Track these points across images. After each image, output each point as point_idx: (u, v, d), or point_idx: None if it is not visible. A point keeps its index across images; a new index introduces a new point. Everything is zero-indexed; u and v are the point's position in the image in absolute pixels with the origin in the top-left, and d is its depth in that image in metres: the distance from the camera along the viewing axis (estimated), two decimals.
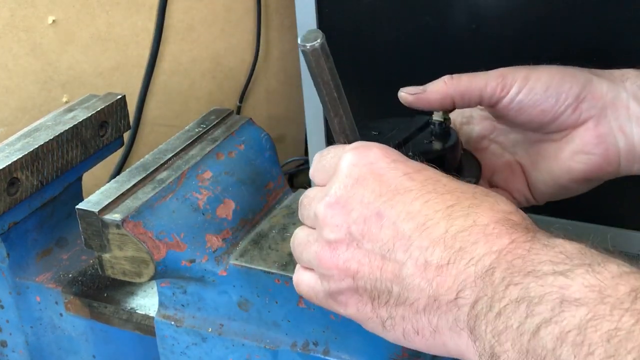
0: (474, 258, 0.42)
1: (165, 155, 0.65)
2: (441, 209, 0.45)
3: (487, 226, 0.43)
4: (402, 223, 0.45)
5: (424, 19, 1.14)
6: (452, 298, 0.42)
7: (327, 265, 0.48)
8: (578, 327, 0.35)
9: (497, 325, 0.39)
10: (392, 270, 0.45)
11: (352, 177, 0.48)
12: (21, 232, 0.71)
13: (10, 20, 1.14)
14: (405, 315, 0.45)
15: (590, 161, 0.60)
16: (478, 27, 1.11)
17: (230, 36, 1.43)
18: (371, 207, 0.46)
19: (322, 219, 0.48)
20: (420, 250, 0.44)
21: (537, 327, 0.36)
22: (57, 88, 1.23)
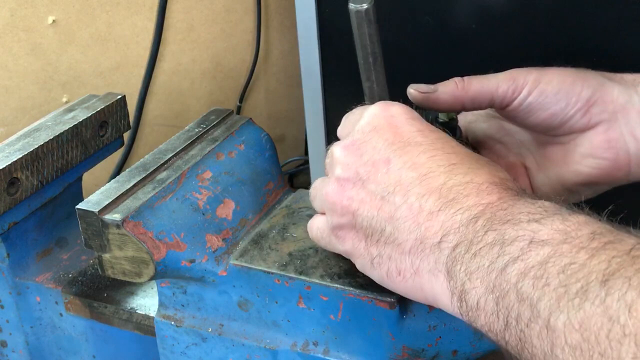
0: (463, 208, 0.46)
1: (165, 155, 0.65)
2: (444, 165, 0.48)
3: (482, 184, 0.46)
4: (406, 171, 0.49)
5: (424, 19, 1.14)
6: (436, 242, 0.46)
7: (333, 199, 0.52)
8: (540, 263, 0.39)
9: (470, 265, 0.43)
10: (389, 211, 0.49)
11: (371, 125, 0.52)
12: (21, 232, 0.71)
13: (10, 20, 1.14)
14: (392, 254, 0.49)
15: (600, 165, 0.60)
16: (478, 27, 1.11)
17: (230, 36, 1.43)
18: (382, 153, 0.51)
19: (336, 158, 0.53)
20: (416, 196, 0.48)
21: (505, 264, 0.40)
22: (57, 88, 1.23)
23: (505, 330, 0.40)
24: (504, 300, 0.40)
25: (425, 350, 0.57)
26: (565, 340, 0.36)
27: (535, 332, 0.38)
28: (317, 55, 1.26)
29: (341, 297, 0.56)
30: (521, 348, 0.39)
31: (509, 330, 0.40)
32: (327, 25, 1.23)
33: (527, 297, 0.38)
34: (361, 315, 0.56)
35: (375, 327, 0.56)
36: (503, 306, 0.40)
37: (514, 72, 0.61)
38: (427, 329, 0.56)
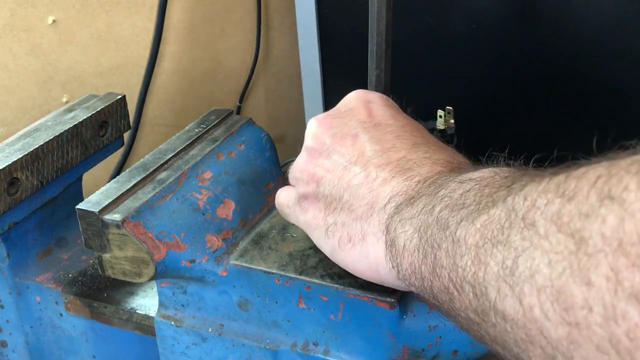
0: (414, 174, 0.48)
1: (165, 155, 0.65)
2: (407, 143, 0.51)
3: (439, 160, 0.48)
4: (370, 144, 0.51)
5: (424, 19, 1.14)
6: (383, 204, 0.48)
7: (301, 168, 0.55)
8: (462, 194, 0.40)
9: (405, 214, 0.44)
10: (348, 179, 0.51)
11: (347, 106, 0.56)
12: (21, 232, 0.71)
13: (10, 20, 1.14)
14: (346, 221, 0.50)
15: None
16: (478, 27, 1.11)
17: (230, 36, 1.43)
18: (351, 128, 0.53)
19: (308, 130, 0.56)
20: (375, 166, 0.50)
21: (433, 205, 0.42)
22: (57, 88, 1.23)
23: (422, 263, 0.41)
24: (426, 233, 0.41)
25: (425, 350, 0.57)
26: (465, 244, 0.36)
27: (444, 250, 0.39)
28: (317, 55, 1.26)
29: (341, 297, 0.56)
30: (433, 276, 0.40)
31: (425, 262, 0.41)
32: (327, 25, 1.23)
33: (444, 222, 0.40)
34: (361, 315, 0.56)
35: (375, 327, 0.56)
36: (424, 240, 0.41)
37: None
38: (427, 329, 0.56)
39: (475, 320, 0.36)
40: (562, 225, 0.30)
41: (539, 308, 0.31)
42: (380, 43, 0.55)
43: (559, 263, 0.30)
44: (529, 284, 0.31)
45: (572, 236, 0.30)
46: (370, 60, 0.57)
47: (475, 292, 0.35)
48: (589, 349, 0.28)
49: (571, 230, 0.30)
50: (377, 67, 0.57)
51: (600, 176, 0.30)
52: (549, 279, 0.30)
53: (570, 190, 0.31)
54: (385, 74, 0.57)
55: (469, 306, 0.36)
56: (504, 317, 0.33)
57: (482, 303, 0.35)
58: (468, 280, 0.36)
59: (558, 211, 0.31)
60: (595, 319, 0.28)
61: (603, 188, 0.29)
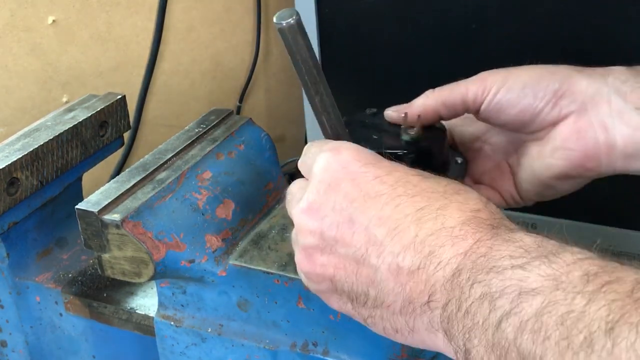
0: (442, 262, 0.44)
1: (165, 155, 0.65)
2: (411, 213, 0.46)
3: (454, 228, 0.44)
4: (374, 228, 0.46)
5: (424, 18, 1.14)
6: (424, 301, 0.44)
7: (306, 269, 0.50)
8: (535, 315, 0.36)
9: (466, 324, 0.40)
10: (367, 274, 0.47)
11: (324, 182, 0.49)
12: (21, 232, 0.71)
13: (10, 20, 1.14)
14: (384, 315, 0.47)
15: (569, 157, 0.59)
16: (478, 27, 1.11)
17: (230, 36, 1.43)
18: (344, 213, 0.48)
19: (297, 226, 0.50)
20: (392, 255, 0.45)
21: (499, 320, 0.38)
22: (57, 88, 1.23)
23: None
24: (506, 358, 0.38)
25: (424, 351, 0.57)
26: None
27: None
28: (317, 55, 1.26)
29: None
30: None
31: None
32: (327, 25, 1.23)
33: (529, 354, 0.36)
34: None
35: None
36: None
37: (483, 74, 0.61)
38: None
39: None
40: None
41: None
42: (309, 69, 0.53)
43: None
44: None
45: None
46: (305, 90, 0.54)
47: None
48: None
49: None
50: (317, 93, 0.54)
51: None
52: None
53: None
54: (327, 96, 0.54)
55: None
56: None
57: None
58: None
59: None
60: None
61: None
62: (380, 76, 1.23)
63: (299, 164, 0.54)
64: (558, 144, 0.60)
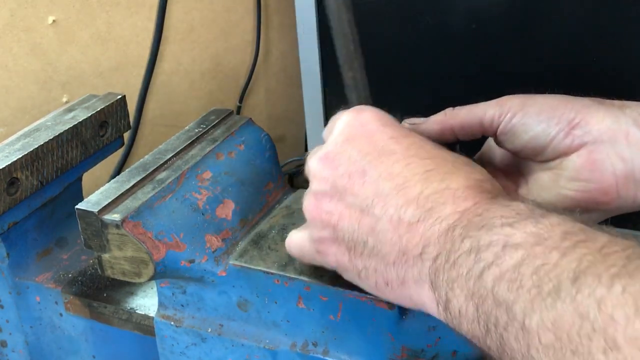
0: (440, 217, 0.46)
1: (165, 155, 0.65)
2: (419, 172, 0.48)
3: (458, 190, 0.47)
4: (382, 182, 0.49)
5: (424, 19, 1.14)
6: (418, 253, 0.46)
7: (312, 214, 0.52)
8: (514, 266, 0.39)
9: (451, 275, 0.43)
10: (369, 223, 0.49)
11: (343, 135, 0.52)
12: (21, 232, 0.71)
13: (10, 20, 1.14)
14: (378, 267, 0.49)
15: (585, 188, 0.59)
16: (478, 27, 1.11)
17: (230, 36, 1.43)
18: (357, 164, 0.51)
19: (312, 172, 0.53)
20: (395, 208, 0.48)
21: (481, 271, 0.41)
22: (57, 88, 1.23)
23: (487, 335, 0.41)
24: (482, 306, 0.41)
25: (424, 350, 0.57)
26: (539, 340, 0.36)
27: (513, 335, 0.38)
28: (317, 55, 1.26)
29: (341, 298, 0.56)
30: (502, 352, 0.40)
31: (489, 335, 0.40)
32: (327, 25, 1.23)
33: (503, 301, 0.39)
34: (360, 315, 0.56)
35: (375, 327, 0.56)
36: (482, 312, 0.41)
37: (502, 98, 0.61)
38: (426, 330, 0.56)
39: None
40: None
41: None
42: (347, 44, 0.54)
43: None
44: None
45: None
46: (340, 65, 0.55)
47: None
48: None
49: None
50: (350, 69, 0.56)
51: None
52: None
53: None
54: (360, 74, 0.56)
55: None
56: None
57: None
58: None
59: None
60: None
61: None
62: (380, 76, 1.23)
63: (324, 133, 0.57)
64: (572, 175, 0.59)
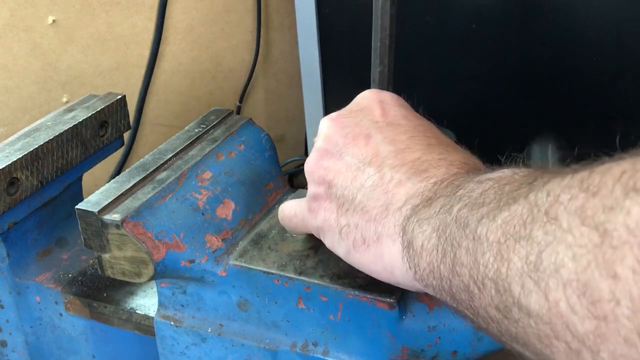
0: (430, 176, 0.47)
1: (165, 155, 0.65)
2: (422, 144, 0.50)
3: (454, 161, 0.48)
4: (384, 145, 0.50)
5: (424, 19, 1.14)
6: (399, 206, 0.47)
7: (311, 168, 0.54)
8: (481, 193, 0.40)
9: (423, 215, 0.44)
10: (361, 180, 0.50)
11: (359, 105, 0.55)
12: (21, 232, 0.71)
13: (10, 20, 1.14)
14: (359, 222, 0.49)
15: None
16: (478, 27, 1.11)
17: (230, 36, 1.43)
18: (364, 128, 0.52)
19: (320, 130, 0.55)
20: (389, 167, 0.49)
21: (452, 204, 0.42)
22: (57, 88, 1.23)
23: (441, 263, 0.40)
24: (445, 232, 0.41)
25: (424, 350, 0.57)
26: (487, 241, 0.36)
27: (464, 248, 0.38)
28: (317, 55, 1.26)
29: (340, 298, 0.56)
30: (452, 274, 0.39)
31: (444, 261, 0.40)
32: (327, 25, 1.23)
33: (463, 221, 0.39)
34: (360, 315, 0.56)
35: (375, 327, 0.56)
36: (443, 239, 0.41)
37: None
38: (426, 330, 0.56)
39: (496, 318, 0.36)
40: (585, 218, 0.30)
41: (565, 302, 0.31)
42: (384, 39, 0.55)
43: (583, 256, 0.30)
44: (554, 279, 0.31)
45: (596, 229, 0.29)
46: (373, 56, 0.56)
47: (498, 289, 0.35)
48: (617, 342, 0.28)
49: (595, 223, 0.30)
50: (381, 63, 0.57)
51: (625, 171, 0.30)
52: (574, 272, 0.30)
53: (595, 185, 0.31)
54: (388, 71, 0.56)
55: (490, 303, 0.36)
56: (529, 313, 0.33)
57: (504, 299, 0.35)
58: (490, 277, 0.36)
59: (582, 205, 0.31)
60: (622, 312, 0.28)
61: (628, 182, 0.29)
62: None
63: None
64: None
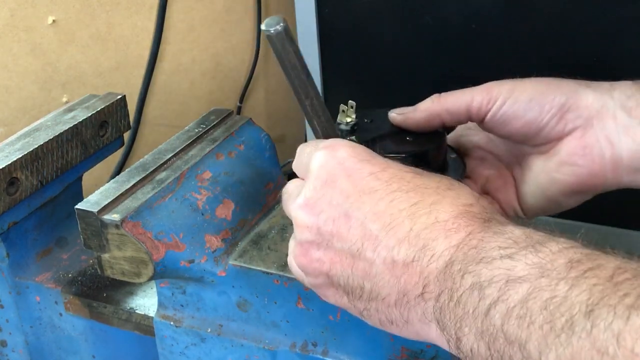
0: (435, 254, 0.45)
1: (165, 155, 0.65)
2: (405, 208, 0.47)
3: (447, 222, 0.46)
4: (369, 223, 0.48)
5: (424, 19, 1.14)
6: (418, 293, 0.45)
7: (302, 264, 0.51)
8: (521, 301, 0.38)
9: (457, 313, 0.42)
10: (363, 268, 0.48)
11: (320, 179, 0.50)
12: (21, 232, 0.71)
13: (10, 20, 1.14)
14: (379, 308, 0.48)
15: (575, 172, 0.59)
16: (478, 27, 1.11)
17: (230, 36, 1.43)
18: (339, 208, 0.49)
19: (295, 221, 0.51)
20: (387, 249, 0.47)
21: (487, 308, 0.40)
22: (57, 88, 1.23)
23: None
24: (494, 344, 0.40)
25: (424, 351, 0.57)
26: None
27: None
28: (317, 55, 1.26)
29: None
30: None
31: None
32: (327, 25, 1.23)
33: (515, 339, 0.38)
34: None
35: (374, 327, 0.56)
36: (495, 350, 0.40)
37: (489, 84, 0.61)
38: None
39: None
40: None
41: None
42: (298, 75, 0.53)
43: None
44: None
45: None
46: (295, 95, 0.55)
47: None
48: None
49: None
50: (307, 97, 0.55)
51: None
52: None
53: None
54: (317, 99, 0.55)
55: None
56: None
57: None
58: None
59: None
60: None
61: None
62: (380, 76, 1.23)
63: (294, 165, 0.55)
64: (564, 159, 0.60)
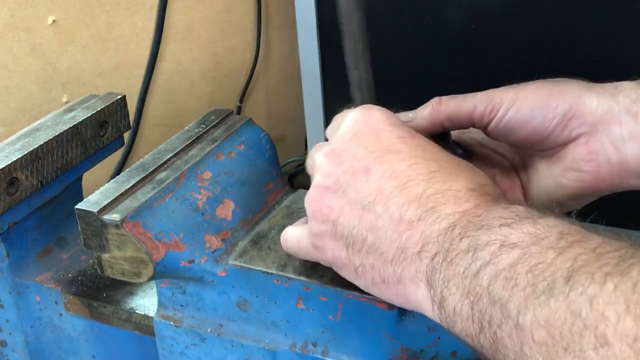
0: (441, 216, 0.46)
1: (165, 155, 0.65)
2: (423, 173, 0.49)
3: (460, 191, 0.47)
4: (386, 180, 0.49)
5: (424, 19, 1.14)
6: (416, 251, 0.47)
7: (313, 207, 0.52)
8: (510, 265, 0.40)
9: (447, 273, 0.44)
10: (370, 220, 0.49)
11: (351, 132, 0.52)
12: (21, 232, 0.71)
13: (10, 20, 1.15)
14: (375, 263, 0.49)
15: (582, 178, 0.59)
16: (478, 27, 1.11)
17: (230, 36, 1.43)
18: (362, 161, 0.51)
19: (317, 166, 0.53)
20: (397, 205, 0.48)
21: (477, 269, 0.41)
22: (57, 88, 1.23)
23: (480, 333, 0.41)
24: (477, 304, 0.41)
25: (424, 351, 0.57)
26: (532, 337, 0.37)
27: (506, 332, 0.39)
28: (317, 55, 1.26)
29: (340, 298, 0.56)
30: (495, 350, 0.40)
31: (483, 333, 0.41)
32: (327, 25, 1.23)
33: (498, 299, 0.39)
34: (360, 316, 0.56)
35: (374, 327, 0.56)
36: (477, 310, 0.41)
37: (491, 92, 0.61)
38: (426, 330, 0.56)
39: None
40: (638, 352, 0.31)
41: None
42: (355, 43, 0.54)
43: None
44: None
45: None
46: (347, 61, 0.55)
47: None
48: None
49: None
50: (356, 68, 0.55)
51: None
52: None
53: None
54: (366, 73, 0.55)
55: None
56: None
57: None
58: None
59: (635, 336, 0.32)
60: None
61: None
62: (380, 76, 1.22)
63: (327, 130, 0.57)
64: (569, 165, 0.60)
